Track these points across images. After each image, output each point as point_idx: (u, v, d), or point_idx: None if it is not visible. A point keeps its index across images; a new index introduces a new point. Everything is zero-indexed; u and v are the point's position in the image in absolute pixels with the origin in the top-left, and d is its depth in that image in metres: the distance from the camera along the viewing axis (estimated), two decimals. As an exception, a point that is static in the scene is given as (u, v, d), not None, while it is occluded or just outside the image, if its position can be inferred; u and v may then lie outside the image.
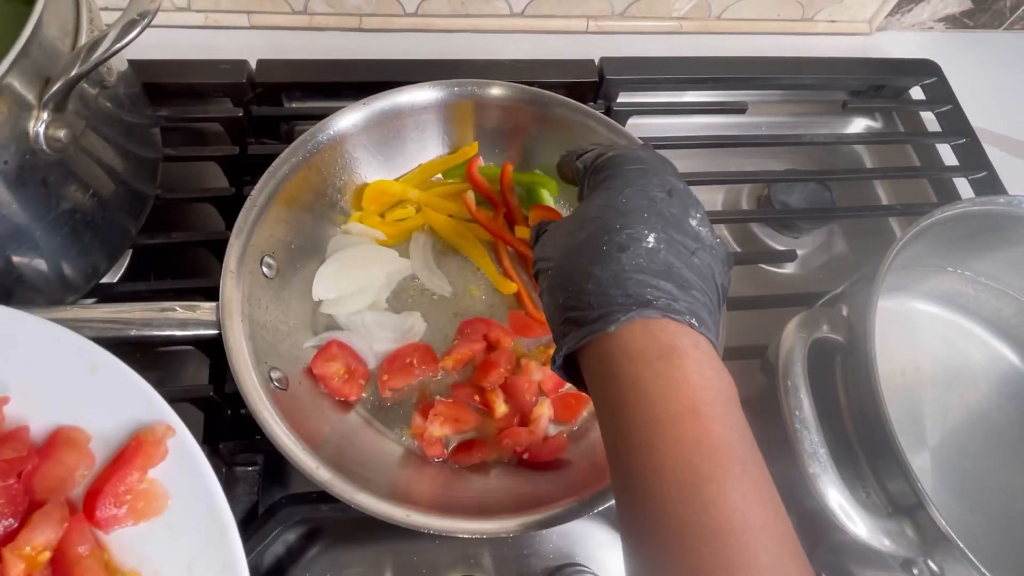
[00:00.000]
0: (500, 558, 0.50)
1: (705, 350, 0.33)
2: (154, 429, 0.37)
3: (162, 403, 0.38)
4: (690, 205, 0.38)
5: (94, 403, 0.38)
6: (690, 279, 0.35)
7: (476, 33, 0.76)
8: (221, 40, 0.71)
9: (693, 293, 0.35)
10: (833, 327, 0.46)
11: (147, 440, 0.37)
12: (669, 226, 0.36)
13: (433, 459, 0.50)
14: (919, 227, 0.47)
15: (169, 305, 0.46)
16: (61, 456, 0.37)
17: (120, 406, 0.38)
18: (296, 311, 0.53)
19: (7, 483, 0.35)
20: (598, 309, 0.34)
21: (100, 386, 0.38)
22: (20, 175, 0.40)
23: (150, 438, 0.37)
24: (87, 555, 0.35)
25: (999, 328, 0.58)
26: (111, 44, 0.39)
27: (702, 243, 0.37)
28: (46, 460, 0.37)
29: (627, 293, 0.34)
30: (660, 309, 0.33)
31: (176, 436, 0.38)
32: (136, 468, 0.36)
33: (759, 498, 0.30)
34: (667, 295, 0.34)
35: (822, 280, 0.67)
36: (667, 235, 0.36)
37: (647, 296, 0.33)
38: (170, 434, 0.37)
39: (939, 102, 0.76)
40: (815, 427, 0.42)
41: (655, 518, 0.30)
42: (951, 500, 0.50)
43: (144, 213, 0.54)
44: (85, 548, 0.35)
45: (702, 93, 0.74)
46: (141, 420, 0.38)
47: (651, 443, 0.31)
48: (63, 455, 0.37)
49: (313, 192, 0.55)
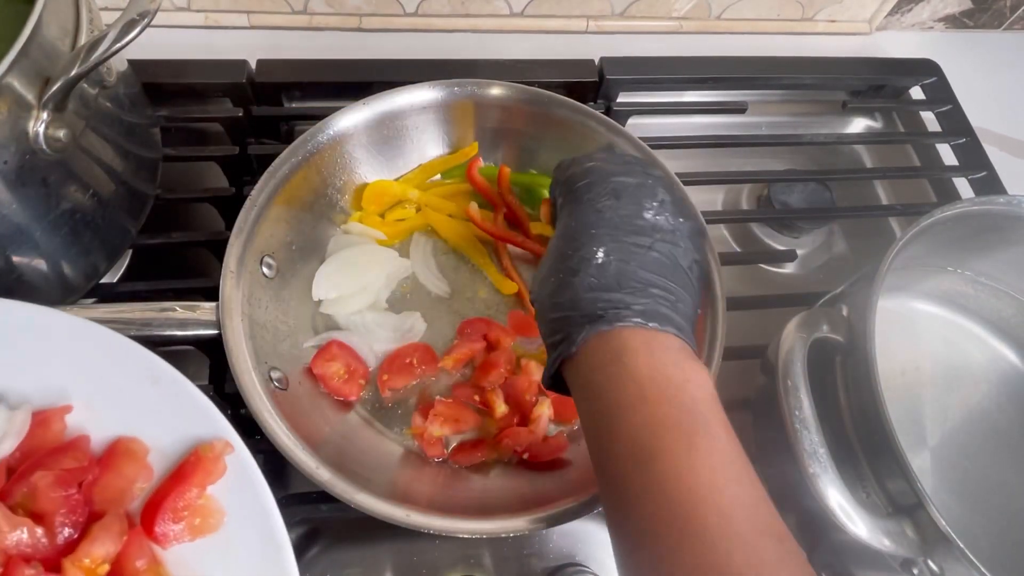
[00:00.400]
0: (500, 558, 0.50)
1: (659, 344, 0.35)
2: (213, 445, 0.37)
3: (221, 418, 0.38)
4: (644, 197, 0.39)
5: (154, 415, 0.38)
6: (646, 278, 0.36)
7: (476, 33, 0.76)
8: (221, 40, 0.71)
9: (650, 292, 0.36)
10: (833, 327, 0.46)
11: (206, 456, 0.36)
12: (619, 231, 0.38)
13: (433, 459, 0.50)
14: (919, 227, 0.47)
15: (169, 305, 0.46)
16: (121, 467, 0.36)
17: (179, 420, 0.38)
18: (296, 311, 0.53)
19: (68, 493, 0.35)
20: (562, 333, 0.37)
21: (160, 398, 0.38)
22: (20, 175, 0.40)
23: (209, 454, 0.36)
24: (145, 570, 0.35)
25: (999, 328, 0.58)
26: (111, 44, 0.39)
27: (660, 232, 0.38)
28: (106, 471, 0.36)
29: (582, 313, 0.36)
30: (609, 321, 0.35)
31: (233, 453, 0.37)
32: (195, 484, 0.36)
33: (712, 469, 0.31)
34: (616, 305, 0.36)
35: (822, 280, 0.67)
36: (617, 243, 0.37)
37: (597, 312, 0.36)
38: (228, 450, 0.37)
39: (939, 102, 0.76)
40: (815, 427, 0.42)
41: (618, 500, 0.33)
42: (951, 500, 0.50)
43: (144, 213, 0.54)
44: (143, 563, 0.35)
45: (702, 93, 0.74)
46: (199, 435, 0.37)
47: (608, 432, 0.34)
48: (123, 466, 0.36)
49: (313, 192, 0.55)
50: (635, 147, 0.56)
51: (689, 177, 0.61)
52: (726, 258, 0.57)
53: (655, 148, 0.56)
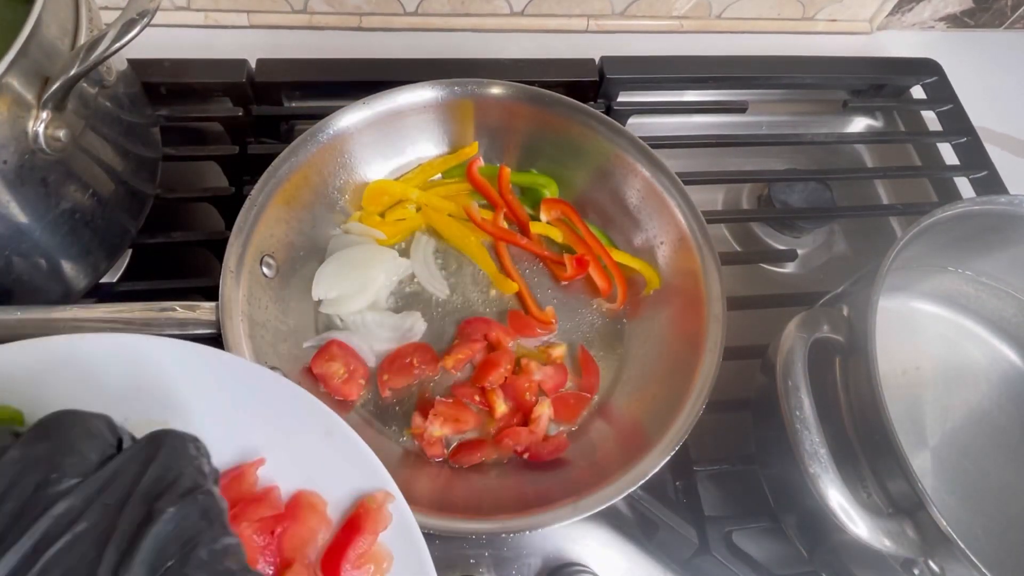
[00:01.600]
0: (500, 558, 0.50)
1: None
2: (376, 496, 0.38)
3: (382, 469, 0.39)
4: None
5: (328, 467, 0.39)
6: None
7: (476, 32, 0.76)
8: (221, 39, 0.71)
9: None
10: (833, 327, 0.46)
11: (371, 507, 0.38)
12: None
13: (433, 459, 0.50)
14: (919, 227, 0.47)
15: (169, 305, 0.46)
16: (306, 519, 0.38)
17: (349, 472, 0.39)
18: (296, 311, 0.53)
19: (266, 540, 0.37)
20: None
21: (333, 450, 0.39)
22: (20, 175, 0.40)
23: (374, 505, 0.38)
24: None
25: (1000, 328, 0.58)
26: (110, 43, 0.39)
27: None
28: (293, 522, 0.38)
29: None
30: None
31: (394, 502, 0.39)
32: (368, 532, 0.38)
33: None
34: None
35: (822, 280, 0.67)
36: None
37: None
38: (390, 500, 0.39)
39: (940, 101, 0.76)
40: (815, 427, 0.42)
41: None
42: (951, 500, 0.50)
43: (144, 213, 0.54)
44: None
45: (702, 92, 0.74)
46: (364, 487, 0.39)
47: None
48: (307, 518, 0.38)
49: (313, 192, 0.55)
50: (635, 147, 0.56)
51: (689, 177, 0.61)
52: (726, 258, 0.57)
53: (655, 148, 0.56)
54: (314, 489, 0.39)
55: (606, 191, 0.59)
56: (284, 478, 0.39)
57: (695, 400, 0.48)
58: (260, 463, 0.38)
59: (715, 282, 0.52)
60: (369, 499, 0.38)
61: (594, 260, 0.58)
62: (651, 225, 0.58)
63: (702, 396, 0.48)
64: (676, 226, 0.55)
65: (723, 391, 0.49)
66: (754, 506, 0.53)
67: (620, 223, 0.60)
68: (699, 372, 0.49)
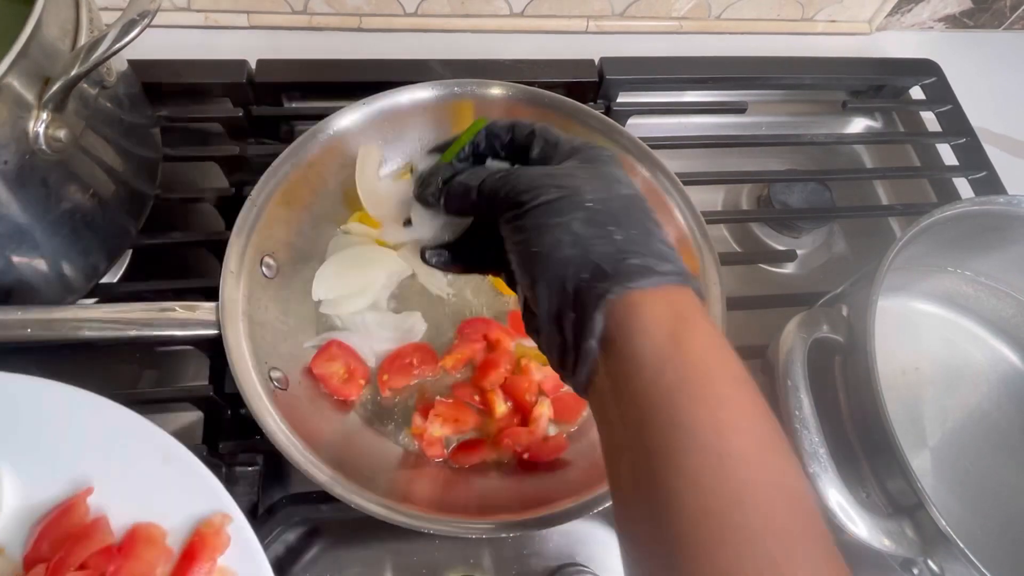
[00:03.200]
0: (500, 558, 0.50)
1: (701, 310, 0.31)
2: (211, 520, 0.38)
3: (222, 490, 0.39)
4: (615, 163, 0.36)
5: (167, 494, 0.39)
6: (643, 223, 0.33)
7: (476, 33, 0.76)
8: (221, 40, 0.71)
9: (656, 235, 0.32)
10: (833, 327, 0.46)
11: (207, 532, 0.38)
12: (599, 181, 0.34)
13: (433, 459, 0.50)
14: (919, 227, 0.47)
15: (169, 305, 0.46)
16: (141, 553, 0.37)
17: (188, 497, 0.39)
18: (296, 311, 0.53)
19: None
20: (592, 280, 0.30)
21: (173, 476, 0.39)
22: (20, 175, 0.40)
23: (210, 529, 0.38)
24: None
25: (999, 328, 0.58)
26: (111, 44, 0.39)
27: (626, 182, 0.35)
28: (127, 559, 0.37)
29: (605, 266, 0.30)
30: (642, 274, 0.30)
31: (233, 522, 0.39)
32: (204, 559, 0.37)
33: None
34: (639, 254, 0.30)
35: (822, 280, 0.67)
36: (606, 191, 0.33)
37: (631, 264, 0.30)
38: (227, 522, 0.38)
39: (939, 102, 0.76)
40: (815, 427, 0.42)
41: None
42: (951, 500, 0.50)
43: (144, 213, 0.54)
44: None
45: (702, 93, 0.74)
46: (203, 511, 0.39)
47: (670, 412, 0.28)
48: (143, 552, 0.37)
49: (313, 192, 0.55)
50: (635, 147, 0.56)
51: (689, 177, 0.61)
52: (726, 258, 0.57)
53: (655, 148, 0.56)
54: (152, 519, 0.38)
55: (606, 191, 0.59)
56: (120, 510, 0.38)
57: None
58: (89, 492, 0.38)
59: (715, 282, 0.52)
60: (205, 524, 0.38)
61: (594, 260, 0.58)
62: (651, 225, 0.58)
63: (702, 396, 0.48)
64: (676, 226, 0.55)
65: (723, 391, 0.49)
66: (754, 506, 0.53)
67: (620, 223, 0.60)
68: (699, 372, 0.49)
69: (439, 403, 0.50)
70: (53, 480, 0.38)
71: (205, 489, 0.39)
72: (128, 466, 0.39)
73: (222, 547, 0.38)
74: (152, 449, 0.39)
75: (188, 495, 0.39)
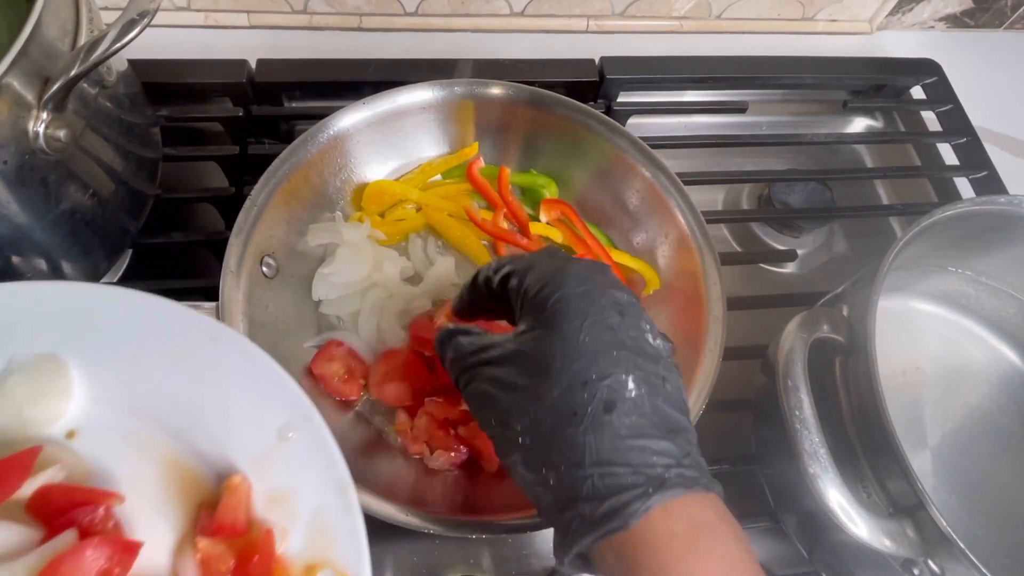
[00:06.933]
0: (500, 558, 0.50)
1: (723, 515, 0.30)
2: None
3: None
4: (640, 318, 0.33)
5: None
6: (676, 420, 0.31)
7: (476, 32, 0.76)
8: (221, 40, 0.71)
9: (687, 437, 0.31)
10: (833, 327, 0.46)
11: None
12: (638, 357, 0.31)
13: (415, 456, 0.49)
14: (919, 227, 0.47)
15: (169, 305, 0.46)
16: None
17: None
18: (296, 311, 0.53)
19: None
20: (607, 497, 0.29)
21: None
22: (20, 175, 0.40)
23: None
24: None
25: (1000, 328, 0.58)
26: (111, 44, 0.39)
27: (664, 362, 0.32)
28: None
29: (635, 470, 0.29)
30: (677, 486, 0.29)
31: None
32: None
33: None
34: (673, 460, 0.30)
35: (822, 280, 0.67)
36: (640, 371, 0.31)
37: (657, 471, 0.29)
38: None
39: (940, 101, 0.76)
40: (815, 427, 0.42)
41: None
42: (951, 500, 0.50)
43: (144, 213, 0.54)
44: None
45: (702, 92, 0.74)
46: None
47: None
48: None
49: (313, 192, 0.55)
50: (635, 147, 0.56)
51: (689, 177, 0.61)
52: (726, 258, 0.57)
53: (655, 148, 0.56)
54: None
55: (606, 191, 0.59)
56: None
57: (695, 400, 0.48)
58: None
59: (715, 282, 0.52)
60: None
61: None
62: (651, 225, 0.58)
63: (702, 396, 0.48)
64: (676, 226, 0.55)
65: (723, 391, 0.49)
66: (754, 506, 0.52)
67: (620, 223, 0.60)
68: (699, 372, 0.49)
69: (429, 403, 0.50)
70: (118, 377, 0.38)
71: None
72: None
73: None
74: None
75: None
